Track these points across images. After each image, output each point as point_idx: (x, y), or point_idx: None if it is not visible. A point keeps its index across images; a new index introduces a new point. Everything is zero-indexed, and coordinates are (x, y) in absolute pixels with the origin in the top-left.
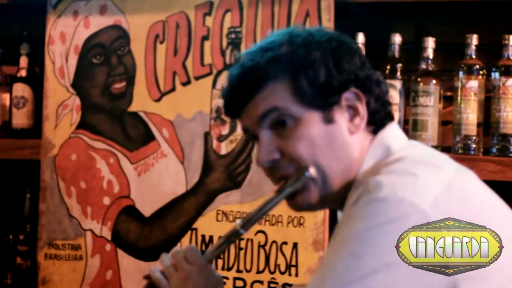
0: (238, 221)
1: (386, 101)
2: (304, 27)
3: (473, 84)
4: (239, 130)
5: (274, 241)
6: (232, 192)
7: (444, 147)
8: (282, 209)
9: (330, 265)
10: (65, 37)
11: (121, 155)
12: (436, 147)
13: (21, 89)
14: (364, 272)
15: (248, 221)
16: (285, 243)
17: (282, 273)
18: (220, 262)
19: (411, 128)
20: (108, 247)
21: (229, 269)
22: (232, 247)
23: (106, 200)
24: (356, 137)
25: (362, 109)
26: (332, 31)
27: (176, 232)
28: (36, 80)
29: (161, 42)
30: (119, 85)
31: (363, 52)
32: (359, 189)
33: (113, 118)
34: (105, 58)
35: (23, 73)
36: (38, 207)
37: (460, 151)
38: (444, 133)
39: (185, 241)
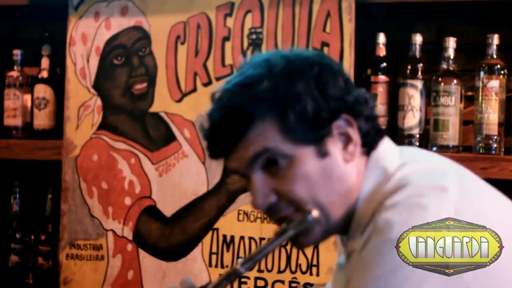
0: (239, 260)
1: (375, 117)
2: (282, 51)
3: (494, 84)
4: None
5: None
6: None
7: (465, 147)
8: None
9: None
10: (87, 38)
11: (142, 155)
12: (457, 147)
13: (42, 90)
14: None
15: (249, 261)
16: None
17: (303, 273)
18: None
19: (432, 128)
20: (129, 247)
21: (250, 268)
22: (253, 247)
23: (128, 201)
24: (351, 164)
25: (355, 135)
26: (310, 52)
27: (197, 232)
28: (57, 81)
29: (182, 43)
30: (140, 86)
31: (383, 52)
32: (368, 229)
33: (134, 119)
34: (126, 59)
35: (44, 74)
36: (59, 208)
37: (481, 151)
38: (465, 133)
39: (206, 241)
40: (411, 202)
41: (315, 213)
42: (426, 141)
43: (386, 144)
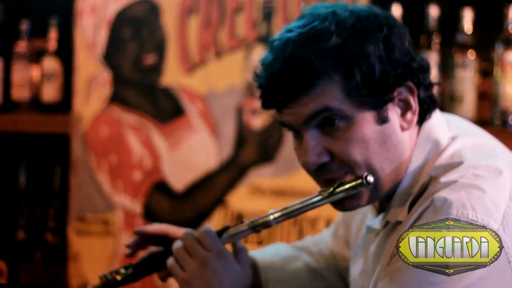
0: (273, 212)
1: (433, 85)
2: (347, 4)
3: (511, 56)
4: None
5: (306, 217)
6: (264, 166)
7: (481, 120)
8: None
9: None
10: (96, 10)
11: (152, 129)
12: (472, 120)
13: (50, 63)
14: None
15: (284, 215)
16: (317, 219)
17: None
18: (253, 236)
19: (448, 100)
20: (139, 222)
21: (259, 242)
22: None
23: (137, 175)
24: (406, 133)
25: (414, 103)
26: (376, 10)
27: (207, 206)
28: (66, 53)
29: (193, 15)
30: (150, 59)
31: None
32: (421, 204)
33: (145, 92)
34: (137, 31)
35: (52, 46)
36: (68, 182)
37: (497, 123)
38: (481, 106)
39: (217, 215)
40: (469, 183)
41: (370, 179)
42: None
43: (438, 115)
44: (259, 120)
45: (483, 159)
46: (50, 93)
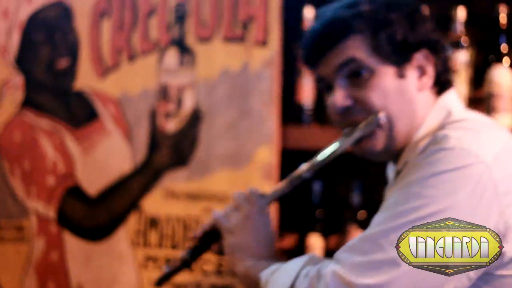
0: (303, 165)
1: (450, 66)
2: None
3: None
4: (185, 107)
5: None
6: (179, 169)
7: None
8: (229, 188)
9: (395, 205)
10: (9, 14)
11: (66, 133)
12: None
13: None
14: (426, 213)
15: (314, 165)
16: None
17: None
18: None
19: None
20: (53, 227)
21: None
22: (179, 226)
23: (51, 180)
24: (422, 95)
25: (430, 70)
26: None
27: (122, 211)
28: None
29: (106, 18)
30: (63, 62)
31: None
32: (425, 141)
33: (58, 96)
34: (49, 35)
35: None
36: None
37: None
38: None
39: (131, 220)
40: (470, 127)
41: (382, 114)
42: None
43: (454, 94)
44: (172, 124)
45: (487, 123)
46: None
